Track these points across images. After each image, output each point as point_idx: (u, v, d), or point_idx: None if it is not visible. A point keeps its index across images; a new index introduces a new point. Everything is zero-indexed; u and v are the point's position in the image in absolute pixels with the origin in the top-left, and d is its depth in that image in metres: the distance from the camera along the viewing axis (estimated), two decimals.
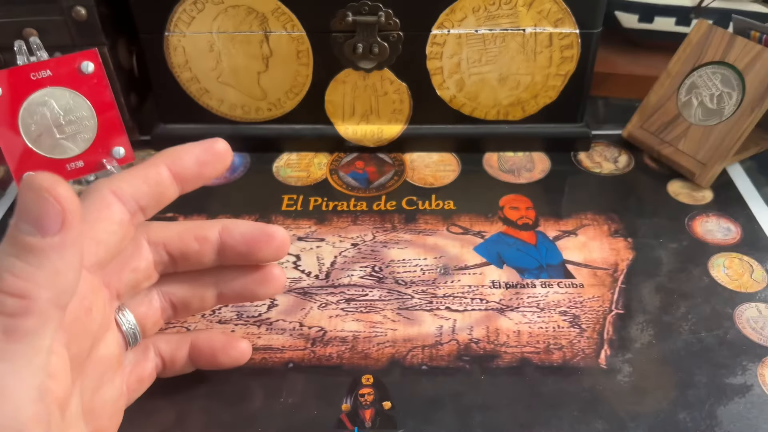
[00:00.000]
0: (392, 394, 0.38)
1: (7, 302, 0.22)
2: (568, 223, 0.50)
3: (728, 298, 0.44)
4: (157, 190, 0.30)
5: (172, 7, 0.51)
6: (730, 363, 0.40)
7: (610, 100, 0.66)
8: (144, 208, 0.30)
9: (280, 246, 0.34)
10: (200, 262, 0.34)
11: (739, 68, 0.52)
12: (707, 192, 0.53)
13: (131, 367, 0.34)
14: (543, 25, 0.52)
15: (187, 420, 0.37)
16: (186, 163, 0.31)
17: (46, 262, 0.23)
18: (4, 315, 0.22)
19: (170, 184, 0.30)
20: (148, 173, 0.30)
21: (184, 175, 0.31)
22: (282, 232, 0.34)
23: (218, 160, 0.32)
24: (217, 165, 0.32)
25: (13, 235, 0.23)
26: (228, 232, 0.33)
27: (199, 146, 0.31)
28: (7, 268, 0.22)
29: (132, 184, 0.29)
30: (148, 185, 0.30)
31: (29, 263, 0.23)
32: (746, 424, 0.36)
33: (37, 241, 0.23)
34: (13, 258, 0.23)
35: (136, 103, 0.60)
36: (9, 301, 0.22)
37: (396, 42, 0.53)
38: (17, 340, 0.22)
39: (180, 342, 0.36)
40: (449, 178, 0.55)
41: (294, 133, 0.58)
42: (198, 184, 0.32)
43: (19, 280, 0.22)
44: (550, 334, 0.42)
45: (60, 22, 0.52)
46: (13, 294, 0.22)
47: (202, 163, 0.31)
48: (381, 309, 0.44)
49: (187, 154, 0.31)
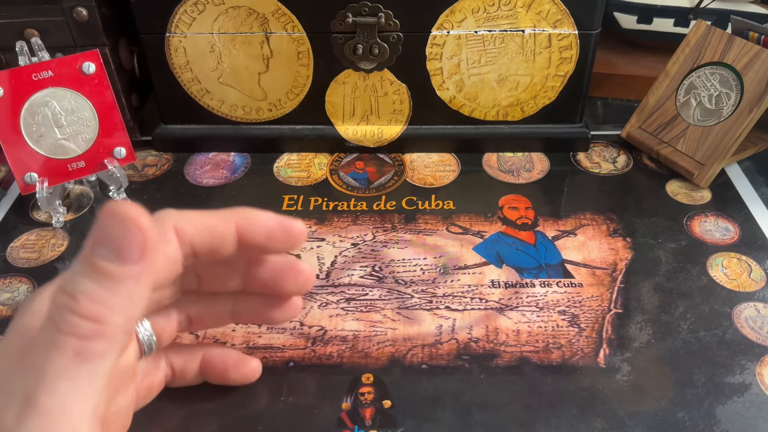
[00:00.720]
0: (392, 393, 0.38)
1: (82, 325, 0.23)
2: (567, 222, 0.51)
3: (727, 297, 0.44)
4: (217, 244, 0.29)
5: (173, 8, 0.51)
6: (728, 362, 0.40)
7: (608, 100, 0.66)
8: (198, 254, 0.30)
9: (306, 282, 0.33)
10: (225, 286, 0.34)
11: (738, 69, 0.52)
12: (706, 192, 0.54)
13: (143, 375, 0.34)
14: (542, 26, 0.52)
15: (189, 419, 0.37)
16: (256, 230, 0.30)
17: (122, 289, 0.23)
18: (77, 337, 0.23)
19: (232, 243, 0.30)
20: (216, 225, 0.29)
21: (249, 240, 0.30)
22: (308, 267, 0.33)
23: (289, 239, 0.31)
24: (286, 244, 0.31)
25: (89, 258, 0.23)
26: (257, 263, 0.33)
27: (276, 220, 0.30)
28: (84, 291, 0.23)
29: (197, 230, 0.29)
30: (211, 236, 0.29)
31: (105, 288, 0.23)
32: (745, 423, 0.37)
33: (115, 268, 0.23)
34: (89, 281, 0.23)
35: (137, 104, 0.60)
36: (84, 324, 0.23)
37: (396, 43, 0.53)
38: (85, 361, 0.23)
39: (192, 354, 0.36)
40: (449, 179, 0.56)
41: (294, 134, 0.58)
42: (258, 253, 0.32)
43: (95, 304, 0.23)
44: (549, 334, 0.42)
45: (61, 23, 0.52)
46: (88, 317, 0.23)
47: (272, 237, 0.30)
48: (381, 308, 0.44)
49: (261, 223, 0.30)
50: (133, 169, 0.57)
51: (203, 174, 0.57)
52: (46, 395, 0.22)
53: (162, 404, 0.37)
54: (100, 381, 0.24)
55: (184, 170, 0.57)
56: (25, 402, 0.22)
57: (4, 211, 0.53)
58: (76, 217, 0.52)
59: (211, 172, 0.57)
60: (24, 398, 0.22)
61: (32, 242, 0.50)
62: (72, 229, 0.51)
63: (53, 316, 0.23)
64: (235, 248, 0.30)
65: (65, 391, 0.23)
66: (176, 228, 0.28)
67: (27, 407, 0.22)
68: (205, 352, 0.37)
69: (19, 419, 0.22)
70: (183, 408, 0.38)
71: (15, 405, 0.22)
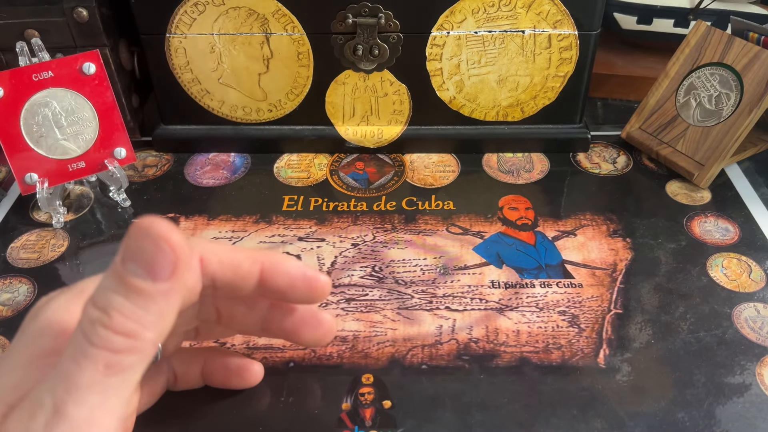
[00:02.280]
0: (392, 393, 0.38)
1: (114, 340, 0.23)
2: (567, 223, 0.51)
3: (726, 298, 0.44)
4: (239, 282, 0.29)
5: (173, 8, 0.51)
6: (728, 362, 0.40)
7: (608, 101, 0.66)
8: (217, 288, 0.30)
9: (326, 333, 0.33)
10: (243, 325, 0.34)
11: (738, 69, 0.52)
12: (705, 192, 0.54)
13: (145, 381, 0.34)
14: (542, 26, 0.52)
15: (189, 420, 0.37)
16: (280, 277, 0.30)
17: (154, 306, 0.24)
18: (109, 351, 0.23)
19: (253, 284, 0.30)
20: (242, 265, 0.29)
21: (270, 285, 0.30)
22: (330, 319, 0.33)
23: (310, 293, 0.30)
24: (308, 296, 0.31)
25: (120, 275, 0.24)
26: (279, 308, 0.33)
27: (300, 271, 0.30)
28: (117, 308, 0.23)
29: (222, 265, 0.29)
30: (234, 274, 0.29)
31: (138, 305, 0.24)
32: (745, 423, 0.37)
33: (147, 285, 0.24)
34: (122, 298, 0.23)
35: (138, 104, 0.60)
36: (116, 339, 0.23)
37: (396, 43, 0.53)
38: (115, 374, 0.23)
39: (194, 359, 0.36)
40: (449, 179, 0.56)
41: (294, 134, 0.58)
42: (276, 298, 0.31)
43: (128, 320, 0.23)
44: (549, 334, 0.42)
45: (61, 24, 0.52)
46: (121, 333, 0.23)
47: (294, 287, 0.30)
48: (381, 309, 0.44)
49: (285, 271, 0.30)
50: (134, 169, 0.57)
51: (203, 174, 0.57)
52: (76, 406, 0.23)
53: (162, 405, 0.37)
54: (127, 393, 0.24)
55: (185, 171, 0.57)
56: (54, 412, 0.23)
57: (4, 212, 0.53)
58: (77, 217, 0.52)
59: (212, 172, 0.57)
60: (53, 408, 0.23)
61: (32, 243, 0.50)
62: (72, 230, 0.51)
63: (85, 329, 0.23)
64: (256, 290, 0.30)
65: (94, 403, 0.23)
66: (202, 257, 0.28)
67: (56, 417, 0.23)
68: (206, 357, 0.37)
69: (47, 429, 0.23)
70: (183, 408, 0.38)
71: (43, 415, 0.23)
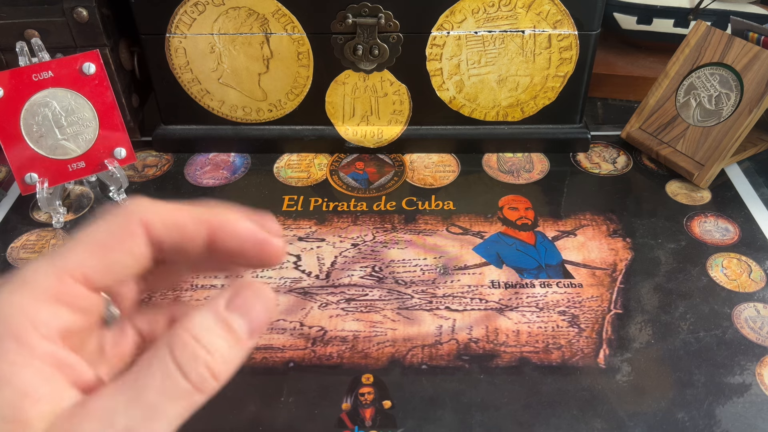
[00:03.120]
0: (392, 393, 0.38)
1: (209, 382, 0.24)
2: (567, 223, 0.51)
3: (726, 298, 0.44)
4: (185, 245, 0.27)
5: (173, 8, 0.51)
6: (728, 362, 0.40)
7: (608, 101, 0.66)
8: (164, 251, 0.28)
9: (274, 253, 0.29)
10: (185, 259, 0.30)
11: (738, 69, 0.52)
12: (705, 192, 0.54)
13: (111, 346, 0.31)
14: (542, 26, 0.52)
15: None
16: (228, 239, 0.27)
17: (239, 358, 0.25)
18: (198, 390, 0.24)
19: (201, 246, 0.28)
20: (187, 227, 0.27)
21: (218, 247, 0.28)
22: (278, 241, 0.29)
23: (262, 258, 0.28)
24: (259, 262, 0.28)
25: (227, 322, 0.25)
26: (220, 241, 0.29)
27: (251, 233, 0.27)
28: (219, 351, 0.24)
29: (166, 228, 0.27)
30: (180, 237, 0.27)
31: (233, 353, 0.25)
32: (745, 423, 0.37)
33: (245, 339, 0.25)
34: (224, 342, 0.24)
35: (138, 104, 0.60)
36: (210, 381, 0.24)
37: (396, 43, 0.53)
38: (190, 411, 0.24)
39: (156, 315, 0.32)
40: (449, 179, 0.56)
41: (294, 134, 0.58)
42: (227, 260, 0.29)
43: (225, 365, 0.24)
44: (549, 334, 0.42)
45: (61, 24, 0.52)
46: (216, 376, 0.24)
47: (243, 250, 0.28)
48: (381, 309, 0.44)
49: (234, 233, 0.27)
50: (133, 169, 0.57)
51: (203, 174, 0.57)
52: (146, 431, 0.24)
53: None
54: None
55: (184, 171, 0.57)
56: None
57: (4, 212, 0.53)
58: (77, 217, 0.52)
59: (212, 172, 0.57)
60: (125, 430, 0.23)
61: (32, 242, 0.50)
62: (72, 230, 0.51)
63: (183, 363, 0.24)
64: (204, 251, 0.28)
65: (160, 430, 0.24)
66: (146, 222, 0.27)
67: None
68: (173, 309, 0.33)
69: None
70: None
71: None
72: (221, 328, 0.24)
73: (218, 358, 0.24)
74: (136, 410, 0.23)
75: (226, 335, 0.24)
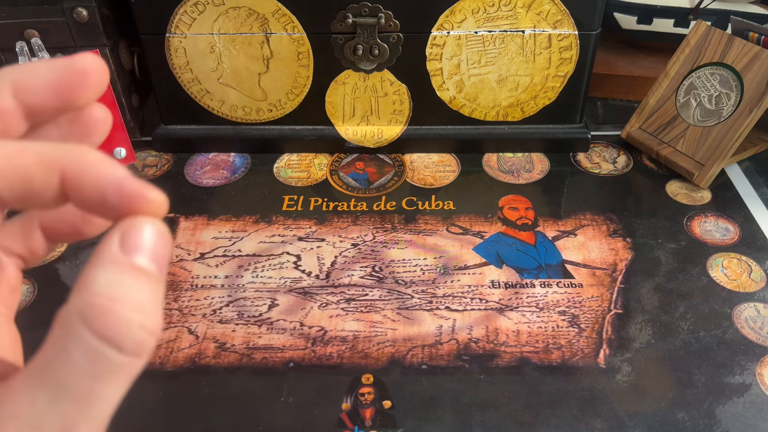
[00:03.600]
0: (392, 393, 0.38)
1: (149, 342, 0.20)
2: (567, 223, 0.51)
3: (727, 297, 0.44)
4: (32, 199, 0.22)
5: (173, 8, 0.51)
6: (728, 362, 0.40)
7: (608, 101, 0.66)
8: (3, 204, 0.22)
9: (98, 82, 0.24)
10: None
11: (738, 69, 0.52)
12: (706, 192, 0.54)
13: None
14: (542, 26, 0.52)
15: (189, 420, 0.37)
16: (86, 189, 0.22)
17: (161, 293, 0.21)
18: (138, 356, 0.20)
19: (51, 197, 0.22)
20: (34, 178, 0.21)
21: (75, 198, 0.22)
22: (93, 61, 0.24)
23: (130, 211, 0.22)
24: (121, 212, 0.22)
25: (134, 266, 0.20)
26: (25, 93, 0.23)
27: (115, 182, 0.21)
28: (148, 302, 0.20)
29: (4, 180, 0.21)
30: (24, 189, 0.21)
31: (156, 296, 0.21)
32: (745, 423, 0.37)
33: (159, 276, 0.21)
34: (142, 291, 0.20)
35: (138, 104, 0.60)
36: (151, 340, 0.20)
37: (396, 43, 0.53)
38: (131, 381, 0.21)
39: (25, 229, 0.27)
40: (449, 179, 0.56)
41: (294, 134, 0.58)
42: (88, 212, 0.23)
43: (158, 315, 0.20)
44: (549, 334, 0.42)
45: (61, 24, 0.52)
46: (155, 332, 0.20)
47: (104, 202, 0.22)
48: (381, 309, 0.44)
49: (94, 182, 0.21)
50: (134, 169, 0.57)
51: (203, 174, 0.57)
52: (88, 422, 0.20)
53: (161, 405, 0.37)
54: None
55: (185, 171, 0.57)
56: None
57: None
58: None
59: (211, 172, 0.57)
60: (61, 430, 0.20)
61: None
62: None
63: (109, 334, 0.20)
64: (56, 202, 0.23)
65: (103, 413, 0.21)
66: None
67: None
68: (38, 218, 0.27)
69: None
70: (183, 408, 0.38)
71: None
72: (132, 276, 0.20)
73: (148, 310, 0.20)
74: (65, 405, 0.20)
75: (140, 282, 0.20)
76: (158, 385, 0.39)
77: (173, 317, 0.44)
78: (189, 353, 0.41)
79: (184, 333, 0.42)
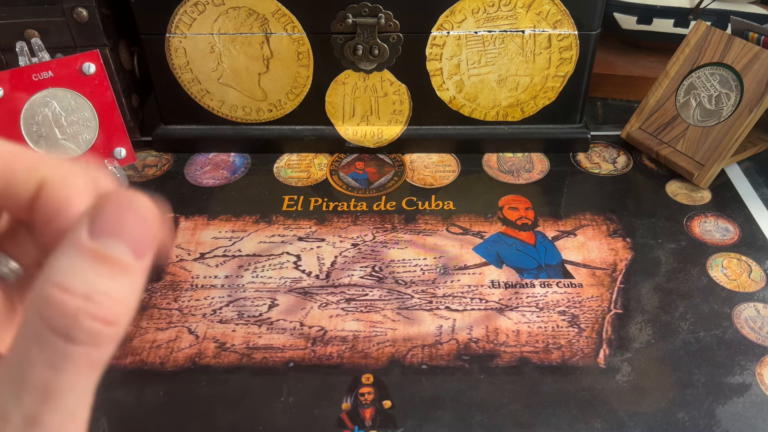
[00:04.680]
0: (392, 393, 0.38)
1: (104, 332, 0.19)
2: (567, 223, 0.51)
3: (726, 297, 0.44)
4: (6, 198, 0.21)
5: (173, 8, 0.51)
6: (728, 362, 0.40)
7: (608, 101, 0.66)
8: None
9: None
10: None
11: (738, 69, 0.52)
12: (705, 192, 0.54)
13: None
14: (542, 26, 0.52)
15: (189, 420, 0.37)
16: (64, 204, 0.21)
17: (136, 285, 0.20)
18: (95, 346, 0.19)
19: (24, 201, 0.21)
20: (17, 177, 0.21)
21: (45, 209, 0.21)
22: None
23: None
24: None
25: (98, 252, 0.19)
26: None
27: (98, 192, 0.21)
28: (106, 291, 0.19)
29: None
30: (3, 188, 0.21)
31: (123, 286, 0.20)
32: (745, 423, 0.37)
33: (133, 262, 0.20)
34: (107, 279, 0.19)
35: (138, 104, 0.60)
36: (107, 330, 0.19)
37: (396, 43, 0.53)
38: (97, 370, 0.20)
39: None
40: (449, 179, 0.56)
41: (294, 134, 0.58)
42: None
43: (118, 305, 0.19)
44: (549, 334, 0.42)
45: (61, 24, 0.52)
46: (111, 322, 0.19)
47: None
48: (381, 309, 0.44)
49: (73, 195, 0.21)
50: (133, 169, 0.57)
51: (203, 174, 0.57)
52: (53, 414, 0.20)
53: (161, 405, 0.37)
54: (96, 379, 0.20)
55: (185, 171, 0.57)
56: (27, 424, 0.19)
57: None
58: None
59: (212, 172, 0.57)
60: (25, 422, 0.19)
61: None
62: None
63: (60, 325, 0.19)
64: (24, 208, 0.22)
65: (73, 405, 0.20)
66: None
67: (28, 430, 0.19)
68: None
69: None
70: (183, 408, 0.38)
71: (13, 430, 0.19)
72: (93, 263, 0.19)
73: (104, 300, 0.19)
74: (26, 397, 0.19)
75: (102, 268, 0.19)
76: (158, 385, 0.39)
77: (173, 317, 0.44)
78: (189, 353, 0.41)
79: (184, 333, 0.42)
